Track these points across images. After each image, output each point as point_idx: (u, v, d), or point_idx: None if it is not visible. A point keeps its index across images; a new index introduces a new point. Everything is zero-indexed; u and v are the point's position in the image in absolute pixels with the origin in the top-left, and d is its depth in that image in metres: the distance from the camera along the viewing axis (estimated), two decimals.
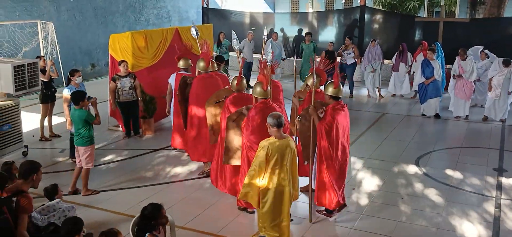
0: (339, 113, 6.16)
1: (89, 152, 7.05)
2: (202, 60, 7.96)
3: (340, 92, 6.25)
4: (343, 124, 6.21)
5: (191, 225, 6.32)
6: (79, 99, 6.98)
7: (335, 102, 6.23)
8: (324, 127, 6.10)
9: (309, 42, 14.73)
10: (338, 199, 6.36)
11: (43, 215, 5.30)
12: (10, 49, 13.41)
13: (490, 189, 7.58)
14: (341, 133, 6.16)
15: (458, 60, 11.71)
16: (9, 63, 9.40)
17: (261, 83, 6.24)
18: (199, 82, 7.81)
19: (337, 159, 6.21)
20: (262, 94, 6.22)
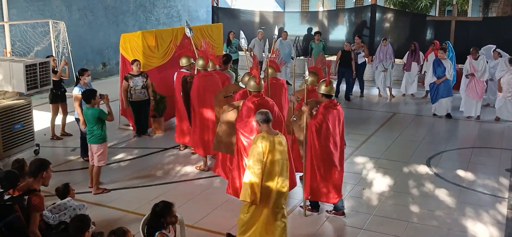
0: (330, 111, 6.22)
1: (102, 150, 7.10)
2: (201, 58, 8.20)
3: (332, 90, 6.35)
4: (335, 122, 6.27)
5: (201, 224, 6.33)
6: (90, 98, 7.03)
7: (328, 100, 6.31)
8: (314, 125, 6.18)
9: (319, 41, 14.66)
10: (334, 195, 6.40)
11: (54, 214, 5.33)
12: (22, 48, 13.53)
13: (502, 190, 7.50)
14: (332, 131, 6.22)
15: (470, 59, 11.60)
16: (21, 63, 9.48)
17: (254, 77, 6.43)
18: (199, 80, 8.00)
19: (328, 156, 6.27)
20: (256, 88, 6.39)
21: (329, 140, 6.20)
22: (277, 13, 19.76)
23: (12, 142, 8.27)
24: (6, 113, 8.14)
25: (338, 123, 6.32)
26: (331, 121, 6.20)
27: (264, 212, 5.43)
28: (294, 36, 17.46)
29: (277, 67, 7.77)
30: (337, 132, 6.31)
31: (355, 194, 7.32)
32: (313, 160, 6.29)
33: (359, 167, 8.43)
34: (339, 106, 6.41)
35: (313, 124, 6.18)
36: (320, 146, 6.22)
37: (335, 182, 6.39)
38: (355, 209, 6.84)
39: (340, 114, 6.38)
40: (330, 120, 6.19)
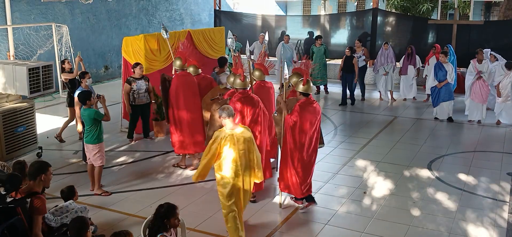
0: (307, 109, 6.51)
1: (97, 150, 7.16)
2: (179, 58, 8.43)
3: (309, 89, 6.61)
4: (311, 119, 6.53)
5: (202, 227, 6.35)
6: (86, 99, 7.12)
7: (305, 98, 6.58)
8: (289, 121, 6.50)
9: (320, 45, 14.66)
10: (302, 190, 6.68)
11: (56, 216, 5.36)
12: (25, 52, 13.60)
13: (504, 193, 7.51)
14: (308, 127, 6.50)
15: (474, 63, 11.59)
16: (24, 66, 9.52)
17: (239, 75, 6.86)
18: (178, 80, 8.24)
19: (302, 151, 6.55)
20: (241, 85, 6.83)
21: (303, 136, 6.51)
22: (279, 17, 19.81)
23: (15, 145, 8.31)
24: (9, 116, 8.18)
25: (314, 120, 6.58)
26: (306, 118, 6.49)
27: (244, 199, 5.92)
28: (296, 40, 17.50)
29: (265, 70, 7.97)
30: (312, 129, 6.57)
31: (356, 197, 7.33)
32: (287, 153, 6.61)
33: (360, 171, 8.44)
34: (316, 104, 6.68)
35: (288, 120, 6.52)
36: (293, 141, 6.54)
37: (306, 176, 6.68)
38: (356, 212, 6.86)
39: (316, 112, 6.64)
40: (306, 117, 6.48)
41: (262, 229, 6.36)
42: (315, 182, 7.84)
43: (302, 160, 6.60)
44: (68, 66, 9.85)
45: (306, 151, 6.59)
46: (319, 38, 14.90)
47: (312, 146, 6.64)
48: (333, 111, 12.83)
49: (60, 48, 13.82)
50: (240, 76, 6.84)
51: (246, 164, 5.75)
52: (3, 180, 4.75)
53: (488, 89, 11.50)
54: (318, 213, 6.81)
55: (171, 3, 19.80)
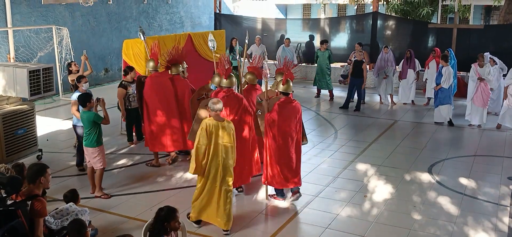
0: (285, 107, 6.87)
1: (97, 153, 7.15)
2: (152, 60, 8.72)
3: (288, 88, 6.97)
4: (290, 117, 6.89)
5: (202, 231, 6.34)
6: (86, 101, 7.12)
7: (284, 98, 6.95)
8: (269, 119, 6.85)
9: (325, 50, 14.49)
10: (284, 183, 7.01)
11: (57, 219, 5.35)
12: (25, 54, 13.60)
13: (504, 198, 7.50)
14: (287, 125, 6.85)
15: (476, 68, 11.60)
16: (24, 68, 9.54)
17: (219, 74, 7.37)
18: (150, 81, 8.51)
19: (283, 147, 6.88)
20: (227, 84, 7.19)
21: (282, 133, 6.84)
22: (279, 20, 19.83)
23: (15, 147, 8.30)
24: (9, 118, 8.17)
25: (293, 118, 6.92)
26: (285, 116, 6.84)
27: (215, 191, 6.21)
28: (296, 43, 17.52)
29: (259, 74, 8.16)
30: (292, 126, 6.92)
31: (357, 201, 7.33)
32: (269, 149, 6.94)
33: (361, 174, 8.44)
34: (296, 103, 7.04)
35: (268, 118, 6.86)
36: (273, 138, 6.88)
37: (286, 172, 6.95)
38: (357, 216, 6.85)
39: (296, 110, 6.99)
40: (285, 115, 6.84)
41: (262, 233, 6.35)
42: (315, 185, 7.86)
43: (284, 156, 6.91)
44: (75, 68, 9.84)
45: (287, 147, 6.89)
46: (324, 42, 14.69)
47: (294, 143, 6.99)
48: (334, 114, 12.83)
49: (61, 50, 13.82)
50: (224, 76, 7.21)
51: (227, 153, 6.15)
52: (4, 182, 4.74)
53: (489, 93, 11.50)
54: (318, 217, 6.80)
55: (171, 6, 19.82)
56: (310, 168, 8.65)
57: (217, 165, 6.14)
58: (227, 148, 6.17)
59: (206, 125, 6.11)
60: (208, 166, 6.14)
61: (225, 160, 6.17)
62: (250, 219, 6.72)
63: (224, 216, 6.21)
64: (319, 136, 10.79)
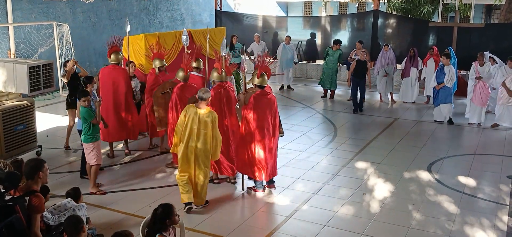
0: (261, 100, 7.13)
1: (91, 149, 7.18)
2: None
3: (263, 82, 7.22)
4: (265, 110, 7.14)
5: (201, 227, 6.34)
6: (82, 96, 7.20)
7: (260, 90, 7.20)
8: (245, 111, 7.14)
9: (336, 50, 14.17)
10: (260, 174, 7.20)
11: (55, 215, 5.35)
12: (26, 50, 13.60)
13: (503, 196, 7.50)
14: (262, 116, 7.09)
15: (476, 66, 11.59)
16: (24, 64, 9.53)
17: (216, 69, 7.57)
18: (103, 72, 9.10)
19: (258, 139, 7.11)
20: (219, 78, 7.53)
21: (257, 125, 7.08)
22: (280, 18, 19.82)
23: (15, 143, 8.30)
24: (9, 114, 8.17)
25: (269, 111, 7.17)
26: (261, 109, 7.09)
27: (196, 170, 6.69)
28: (297, 41, 17.50)
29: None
30: (267, 118, 7.17)
31: (356, 199, 7.32)
32: (244, 141, 7.20)
33: (360, 172, 8.44)
34: (271, 96, 7.27)
35: (244, 110, 7.15)
36: (248, 130, 7.13)
37: (262, 162, 7.15)
38: (355, 214, 6.85)
39: (271, 103, 7.24)
40: (260, 108, 7.09)
41: (261, 230, 6.36)
42: (314, 183, 7.86)
43: (259, 147, 7.12)
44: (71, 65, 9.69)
45: (263, 139, 7.11)
46: (338, 42, 14.30)
47: (270, 134, 7.21)
48: (333, 113, 12.82)
49: (61, 47, 13.82)
50: (218, 70, 7.52)
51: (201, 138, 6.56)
52: (2, 178, 4.74)
53: (488, 93, 11.49)
54: (317, 214, 6.80)
55: (172, 3, 19.80)
56: (309, 166, 8.65)
57: (192, 149, 6.58)
58: (204, 135, 6.56)
59: (185, 109, 6.64)
60: (184, 149, 6.61)
61: (200, 145, 6.57)
62: (248, 216, 6.73)
63: (198, 195, 6.76)
64: (319, 134, 10.79)
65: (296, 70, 16.98)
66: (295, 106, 13.45)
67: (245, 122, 7.16)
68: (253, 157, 7.16)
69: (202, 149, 6.62)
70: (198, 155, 6.64)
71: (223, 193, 7.46)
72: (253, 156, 7.16)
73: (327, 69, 14.25)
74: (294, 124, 11.46)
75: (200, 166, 6.70)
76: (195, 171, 6.70)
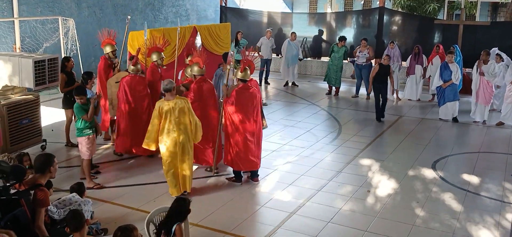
0: (243, 93, 7.34)
1: (83, 143, 7.24)
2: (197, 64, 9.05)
3: (246, 76, 7.41)
4: (247, 103, 7.34)
5: (205, 222, 6.35)
6: (80, 94, 7.28)
7: (242, 84, 7.39)
8: (227, 104, 7.37)
9: (342, 46, 14.13)
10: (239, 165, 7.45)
11: (60, 209, 5.38)
12: (31, 44, 13.64)
13: (507, 195, 7.47)
14: (244, 109, 7.29)
15: (479, 63, 11.54)
16: (30, 58, 9.55)
17: (198, 63, 7.75)
18: None
19: (241, 131, 7.32)
20: (199, 72, 7.75)
21: (239, 117, 7.29)
22: (285, 14, 19.77)
23: (20, 137, 8.33)
24: (14, 108, 8.20)
25: (251, 103, 7.35)
26: (243, 102, 7.29)
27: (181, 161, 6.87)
28: (302, 37, 17.48)
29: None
30: (250, 111, 7.35)
31: (360, 196, 7.32)
32: (227, 133, 7.45)
33: (364, 169, 8.43)
34: (253, 90, 7.44)
35: (226, 103, 7.37)
36: (231, 122, 7.36)
37: (244, 154, 7.38)
38: (359, 211, 6.84)
39: (253, 96, 7.41)
40: (242, 101, 7.29)
41: (265, 226, 6.36)
42: (319, 179, 7.86)
43: (241, 139, 7.34)
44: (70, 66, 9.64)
45: (244, 131, 7.32)
46: (343, 39, 14.24)
47: (252, 127, 7.40)
48: (338, 109, 12.81)
49: (66, 41, 13.86)
50: (199, 64, 7.75)
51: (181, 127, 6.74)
52: (7, 171, 4.77)
53: (492, 91, 11.44)
54: (321, 210, 6.80)
55: None
56: (314, 163, 8.64)
57: (174, 141, 6.76)
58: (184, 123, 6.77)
59: (157, 106, 6.80)
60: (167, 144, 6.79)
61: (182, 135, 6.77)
62: (252, 212, 6.74)
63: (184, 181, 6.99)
64: (323, 130, 10.78)
65: (300, 66, 16.95)
66: (299, 102, 13.44)
67: (227, 114, 7.38)
68: (234, 149, 7.40)
69: (185, 138, 6.82)
70: (183, 145, 6.82)
71: (227, 189, 7.47)
72: (234, 148, 7.39)
73: (332, 66, 14.20)
74: (299, 120, 11.46)
75: (185, 156, 6.88)
76: (181, 162, 6.88)
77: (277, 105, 13.10)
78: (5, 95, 8.34)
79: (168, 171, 6.91)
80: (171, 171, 6.90)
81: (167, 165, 6.89)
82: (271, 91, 15.04)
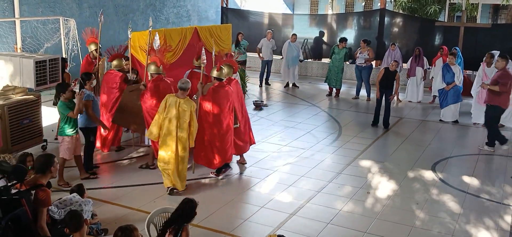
0: (218, 92, 7.55)
1: (64, 142, 7.33)
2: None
3: (222, 75, 7.68)
4: (222, 101, 7.56)
5: (205, 223, 6.36)
6: (60, 91, 7.38)
7: (218, 83, 7.62)
8: (202, 102, 7.60)
9: (343, 48, 14.06)
10: (218, 160, 7.69)
11: (60, 209, 5.39)
12: (32, 45, 13.66)
13: (507, 197, 7.49)
14: (219, 108, 7.49)
15: (483, 66, 11.53)
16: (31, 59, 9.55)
17: (155, 62, 7.95)
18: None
19: (215, 128, 7.57)
20: (156, 70, 7.91)
21: (215, 115, 7.52)
22: (286, 15, 19.80)
23: (20, 137, 8.34)
24: (15, 108, 8.23)
25: (225, 102, 7.57)
26: (217, 100, 7.49)
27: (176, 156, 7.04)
28: (303, 39, 17.49)
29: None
30: (225, 109, 7.57)
31: (360, 197, 7.33)
32: (202, 130, 7.55)
33: (364, 171, 8.44)
34: (228, 88, 7.67)
35: (202, 102, 7.57)
36: (206, 120, 7.59)
37: (218, 150, 7.62)
38: (359, 212, 6.86)
39: (228, 94, 7.64)
40: (217, 99, 7.49)
41: (264, 227, 6.38)
42: (318, 181, 7.88)
43: (216, 136, 7.58)
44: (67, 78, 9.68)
45: (219, 129, 7.56)
46: (343, 40, 14.12)
47: (227, 125, 7.63)
48: (338, 111, 12.82)
49: (67, 42, 13.88)
50: (156, 63, 7.92)
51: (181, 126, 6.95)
52: (8, 171, 4.78)
53: None
54: (320, 212, 6.82)
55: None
56: (314, 164, 8.66)
57: (173, 136, 6.98)
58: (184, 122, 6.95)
59: (165, 99, 7.05)
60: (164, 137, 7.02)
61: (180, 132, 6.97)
62: (252, 213, 6.75)
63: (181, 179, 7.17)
64: (324, 132, 10.79)
65: (301, 68, 16.97)
66: (300, 104, 13.45)
67: (202, 112, 7.60)
68: (208, 146, 7.64)
69: (182, 136, 7.01)
70: (178, 141, 7.02)
71: (227, 190, 7.50)
72: (208, 145, 7.63)
73: (333, 68, 14.19)
74: (299, 122, 11.47)
75: (180, 152, 7.06)
76: (176, 157, 7.05)
77: (277, 106, 13.12)
78: (6, 95, 8.36)
79: (159, 162, 7.18)
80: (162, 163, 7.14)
81: (161, 156, 7.12)
82: (271, 92, 15.05)
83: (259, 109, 12.44)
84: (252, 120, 11.48)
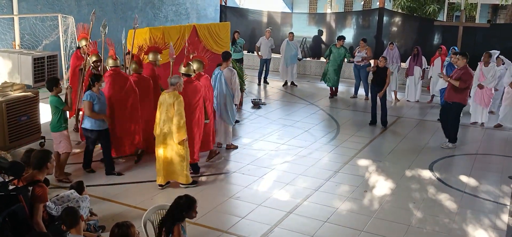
0: (187, 87, 7.63)
1: (60, 139, 7.35)
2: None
3: (189, 71, 7.88)
4: (190, 97, 7.66)
5: (202, 221, 6.36)
6: (53, 85, 7.33)
7: (186, 78, 7.75)
8: None
9: (341, 46, 14.00)
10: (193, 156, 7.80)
11: (58, 205, 5.39)
12: (30, 42, 13.65)
13: (504, 196, 7.50)
14: (187, 103, 7.49)
15: (481, 66, 11.55)
16: (29, 55, 9.59)
17: (111, 56, 8.28)
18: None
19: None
20: (114, 64, 8.23)
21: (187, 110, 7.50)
22: (285, 14, 19.80)
23: (18, 133, 8.34)
24: (13, 105, 8.22)
25: (193, 97, 7.69)
26: (185, 96, 7.50)
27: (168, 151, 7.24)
28: (301, 37, 17.50)
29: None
30: (192, 105, 7.68)
31: (357, 196, 7.35)
32: None
33: (362, 170, 8.45)
34: (196, 83, 7.84)
35: None
36: None
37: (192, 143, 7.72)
38: (356, 211, 6.87)
39: (197, 90, 7.78)
40: (185, 95, 7.50)
41: (262, 225, 6.38)
42: (316, 179, 7.88)
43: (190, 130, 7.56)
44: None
45: (188, 125, 7.50)
46: (341, 38, 14.08)
47: (194, 120, 7.73)
48: (336, 109, 12.83)
49: (66, 39, 13.87)
50: (113, 56, 8.23)
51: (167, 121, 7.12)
52: (6, 167, 4.79)
53: (491, 93, 11.45)
54: (318, 210, 6.83)
55: None
56: (311, 162, 8.67)
57: (161, 131, 7.19)
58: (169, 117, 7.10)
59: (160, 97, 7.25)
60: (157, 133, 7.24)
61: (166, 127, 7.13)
62: (249, 211, 6.76)
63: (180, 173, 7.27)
64: (322, 130, 10.80)
65: (299, 66, 16.97)
66: (298, 102, 13.46)
67: None
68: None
69: (169, 131, 7.15)
70: (166, 136, 7.17)
71: (224, 188, 7.51)
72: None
73: (330, 67, 14.12)
74: (297, 120, 11.48)
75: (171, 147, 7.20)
76: (167, 152, 7.23)
77: (275, 104, 13.12)
78: (4, 92, 8.36)
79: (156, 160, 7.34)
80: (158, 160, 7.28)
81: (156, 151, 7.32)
82: (270, 90, 15.06)
83: (257, 108, 12.45)
84: (250, 119, 11.51)
